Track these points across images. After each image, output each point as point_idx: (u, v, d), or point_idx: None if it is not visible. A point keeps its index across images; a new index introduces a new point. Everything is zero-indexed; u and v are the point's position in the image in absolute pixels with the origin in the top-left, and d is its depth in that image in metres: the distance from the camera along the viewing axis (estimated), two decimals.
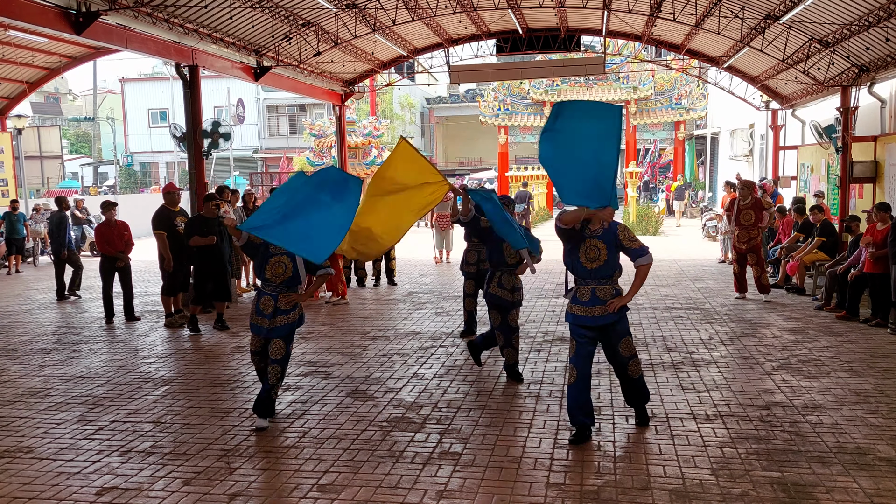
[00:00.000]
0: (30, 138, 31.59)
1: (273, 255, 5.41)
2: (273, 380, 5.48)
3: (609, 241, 5.12)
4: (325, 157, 25.87)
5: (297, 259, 5.39)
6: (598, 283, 5.17)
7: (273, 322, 5.45)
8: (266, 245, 5.37)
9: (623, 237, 5.13)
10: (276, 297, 5.46)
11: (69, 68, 17.75)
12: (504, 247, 6.58)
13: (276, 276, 5.45)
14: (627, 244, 5.13)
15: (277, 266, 5.43)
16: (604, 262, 5.13)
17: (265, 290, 5.51)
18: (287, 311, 5.48)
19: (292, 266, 5.43)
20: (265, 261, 5.44)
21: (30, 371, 7.33)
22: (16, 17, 9.56)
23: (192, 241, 8.79)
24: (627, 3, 13.63)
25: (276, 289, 5.47)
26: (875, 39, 11.35)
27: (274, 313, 5.44)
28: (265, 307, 5.46)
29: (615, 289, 5.22)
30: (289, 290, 5.49)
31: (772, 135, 19.79)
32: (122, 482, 4.62)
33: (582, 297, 5.21)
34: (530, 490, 4.42)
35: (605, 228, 5.14)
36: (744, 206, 10.51)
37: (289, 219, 5.00)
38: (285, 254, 5.37)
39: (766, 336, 8.34)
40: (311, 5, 13.17)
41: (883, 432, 5.27)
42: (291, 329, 5.54)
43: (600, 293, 5.17)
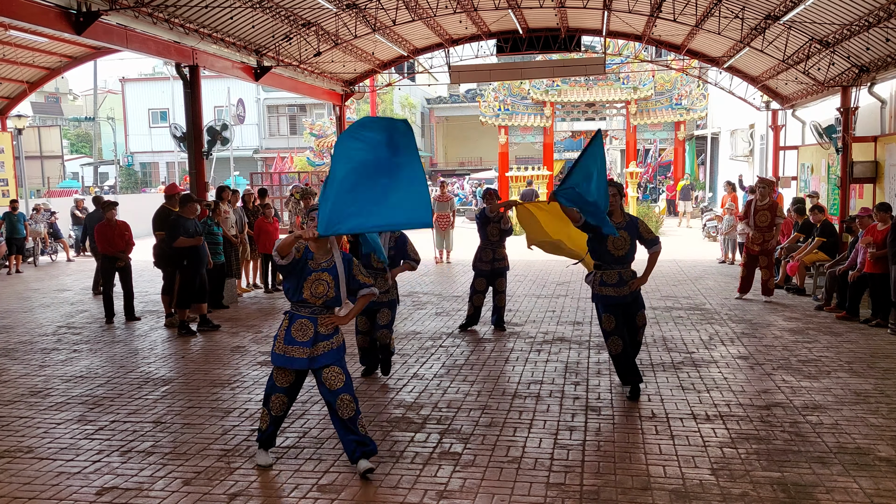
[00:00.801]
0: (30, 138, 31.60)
1: (312, 271, 4.59)
2: (350, 412, 4.62)
3: (632, 232, 6.12)
4: (325, 157, 25.89)
5: (339, 277, 4.62)
6: (623, 267, 6.15)
7: (314, 350, 4.62)
8: (304, 261, 4.59)
9: (643, 229, 6.20)
10: (316, 320, 4.64)
11: (69, 68, 17.75)
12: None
13: (317, 296, 4.60)
14: (646, 235, 6.20)
15: (318, 285, 4.60)
16: (628, 250, 6.12)
17: (301, 312, 4.66)
18: (329, 336, 4.67)
19: (334, 284, 4.63)
20: (302, 279, 4.60)
21: (30, 371, 7.33)
22: (16, 17, 9.56)
23: (177, 242, 8.77)
24: (628, 3, 13.63)
25: (316, 311, 4.65)
26: (875, 40, 11.35)
27: (314, 339, 4.62)
28: (301, 333, 4.61)
29: (633, 271, 6.22)
30: (327, 311, 4.71)
31: (772, 135, 19.79)
32: (122, 482, 4.62)
33: (610, 280, 6.14)
34: (530, 490, 4.42)
35: (628, 221, 6.16)
36: (761, 206, 10.41)
37: (364, 198, 4.39)
38: (326, 271, 4.60)
39: (766, 336, 8.34)
40: (312, 5, 13.18)
41: (883, 432, 5.27)
42: (338, 355, 4.71)
43: (625, 275, 6.14)
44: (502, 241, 8.73)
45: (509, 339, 8.39)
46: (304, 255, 4.58)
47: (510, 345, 8.08)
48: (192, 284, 8.95)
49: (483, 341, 8.32)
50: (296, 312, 4.68)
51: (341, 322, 4.69)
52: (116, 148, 45.01)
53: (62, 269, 15.90)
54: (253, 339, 8.60)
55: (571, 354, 7.59)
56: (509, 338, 8.43)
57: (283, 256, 4.49)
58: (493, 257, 8.67)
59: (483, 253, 8.71)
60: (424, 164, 45.36)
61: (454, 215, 15.67)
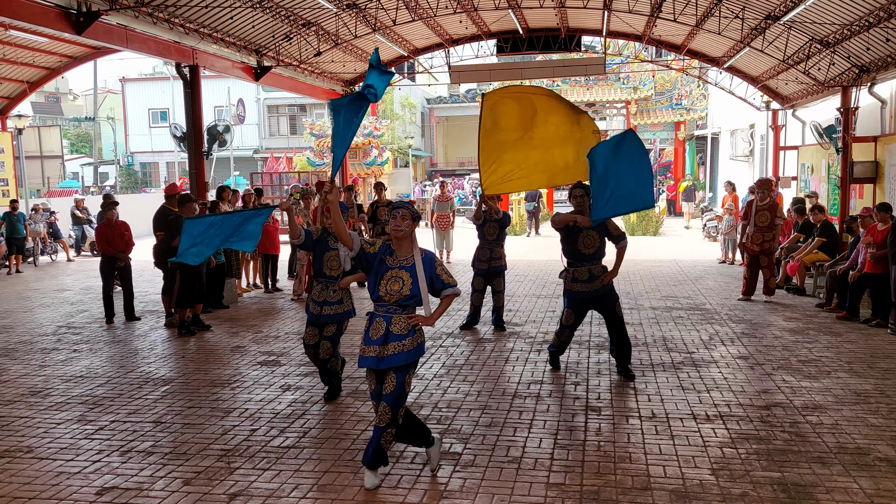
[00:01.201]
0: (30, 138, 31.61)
1: (389, 268, 4.47)
2: (382, 422, 4.43)
3: (601, 230, 6.53)
4: (326, 157, 25.88)
5: (417, 274, 4.45)
6: (593, 264, 6.58)
7: (383, 350, 4.42)
8: (382, 259, 4.50)
9: (611, 227, 6.58)
10: (390, 319, 4.47)
11: (70, 68, 17.77)
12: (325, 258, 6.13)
13: (391, 293, 4.43)
14: (614, 232, 6.59)
15: (393, 282, 4.45)
16: (597, 248, 6.56)
17: (377, 311, 4.54)
18: (402, 336, 4.42)
19: (411, 282, 4.43)
20: (379, 276, 4.49)
21: (30, 371, 7.33)
22: (16, 17, 9.57)
23: (175, 241, 8.76)
24: (628, 3, 13.63)
25: (390, 309, 4.47)
26: (875, 40, 11.35)
27: (385, 338, 4.43)
28: (375, 332, 4.47)
29: (603, 266, 6.64)
30: (405, 311, 4.49)
31: (772, 135, 19.80)
32: (122, 482, 4.62)
33: (581, 277, 6.59)
34: (530, 490, 4.42)
35: None
36: (761, 206, 10.39)
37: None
38: (404, 269, 4.46)
39: (766, 336, 8.34)
40: (312, 5, 13.18)
41: (883, 433, 5.27)
42: (408, 360, 4.43)
43: (595, 271, 6.59)
44: (500, 240, 8.77)
45: (509, 339, 8.39)
46: (383, 252, 4.50)
47: (510, 345, 8.08)
48: (192, 284, 8.95)
49: (483, 341, 8.32)
50: (374, 312, 4.58)
51: (425, 323, 4.47)
52: (116, 148, 45.02)
53: (62, 269, 15.90)
54: (253, 339, 8.59)
55: (571, 354, 7.59)
56: (509, 338, 8.43)
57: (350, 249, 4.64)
58: (490, 256, 8.73)
59: (481, 252, 8.78)
60: (424, 164, 45.43)
61: (454, 215, 15.68)
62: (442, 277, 4.53)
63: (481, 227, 8.69)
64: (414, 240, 4.54)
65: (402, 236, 4.46)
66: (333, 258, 6.02)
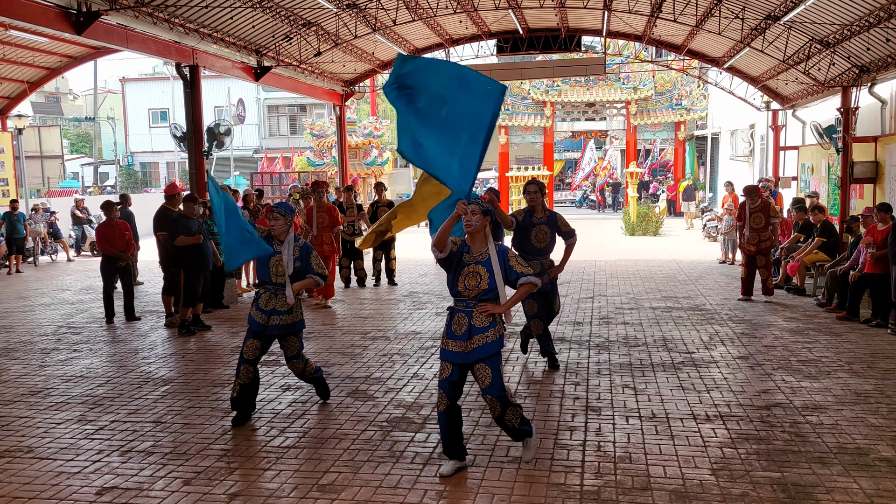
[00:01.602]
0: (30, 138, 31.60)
1: (466, 265, 4.63)
2: (495, 413, 4.60)
3: (552, 226, 6.80)
4: (326, 156, 25.90)
5: (493, 269, 4.59)
6: (543, 258, 6.84)
7: (468, 344, 4.57)
8: (461, 256, 4.64)
9: (561, 223, 6.83)
10: (471, 313, 4.62)
11: (70, 68, 17.78)
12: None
13: (470, 288, 4.60)
14: (564, 228, 6.80)
15: (471, 278, 4.61)
16: (548, 243, 6.83)
17: (458, 307, 4.69)
18: (484, 328, 4.58)
19: (488, 277, 4.59)
20: (458, 273, 4.65)
21: (30, 371, 7.33)
22: (16, 17, 9.57)
23: (177, 240, 8.79)
24: (628, 3, 13.64)
25: (470, 304, 4.63)
26: (875, 40, 11.35)
27: (469, 333, 4.59)
28: (458, 327, 4.62)
29: (551, 261, 6.93)
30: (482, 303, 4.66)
31: (772, 135, 19.80)
32: (122, 482, 4.62)
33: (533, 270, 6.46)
34: (530, 490, 4.42)
35: (549, 216, 6.83)
36: (753, 209, 10.44)
37: (432, 137, 4.51)
38: (480, 264, 4.60)
39: (766, 336, 8.34)
40: (312, 5, 13.18)
41: (883, 433, 5.27)
42: (493, 350, 4.58)
43: (545, 265, 6.84)
44: (499, 240, 8.74)
45: (509, 339, 8.38)
46: (461, 249, 4.64)
47: (510, 345, 8.08)
48: (196, 284, 8.96)
49: None
50: (455, 307, 4.72)
51: (498, 311, 4.60)
52: (116, 148, 45.02)
53: (62, 269, 15.90)
54: None
55: (571, 354, 7.59)
56: (509, 338, 8.42)
57: (440, 250, 4.57)
58: None
59: None
60: None
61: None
62: (516, 268, 4.66)
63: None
64: (487, 234, 4.66)
65: (474, 231, 4.59)
66: (278, 263, 5.57)
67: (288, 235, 5.60)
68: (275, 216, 5.59)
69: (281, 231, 5.58)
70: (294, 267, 5.61)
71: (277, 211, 5.62)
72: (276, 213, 5.60)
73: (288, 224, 5.63)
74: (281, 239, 5.61)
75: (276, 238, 5.64)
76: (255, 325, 5.64)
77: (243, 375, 5.59)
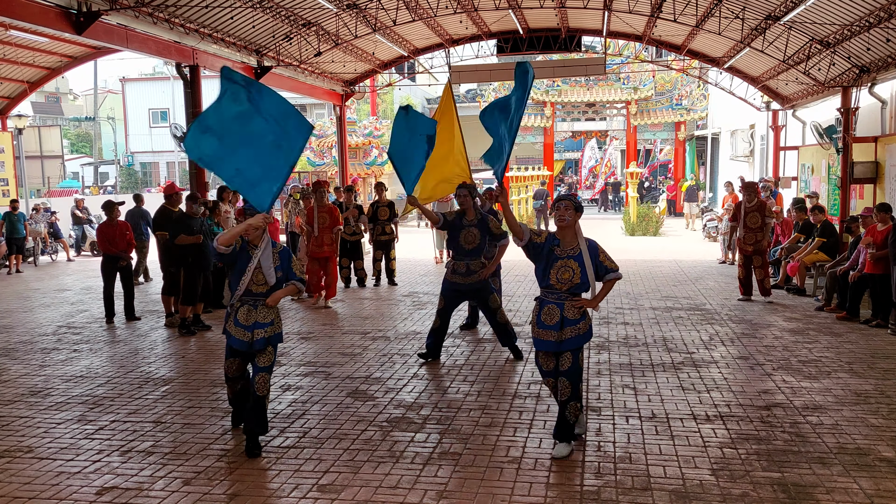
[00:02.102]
0: (30, 138, 31.61)
1: (559, 258, 4.89)
2: (563, 396, 4.93)
3: (482, 228, 7.10)
4: (326, 156, 25.88)
5: (585, 263, 4.85)
6: (472, 259, 7.12)
7: (561, 334, 4.88)
8: (551, 249, 4.92)
9: (492, 226, 7.16)
10: (563, 305, 4.91)
11: (70, 68, 17.77)
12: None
13: (562, 281, 4.87)
14: (494, 231, 7.16)
15: (564, 271, 4.87)
16: (477, 245, 7.10)
17: (548, 298, 4.96)
18: (576, 320, 4.89)
19: (580, 270, 4.85)
20: (549, 266, 4.91)
21: (30, 371, 7.33)
22: (17, 17, 9.57)
23: (178, 239, 8.81)
24: (628, 3, 13.64)
25: (561, 296, 4.91)
26: (876, 40, 11.35)
27: (561, 324, 4.88)
28: (549, 318, 4.91)
29: (482, 262, 7.21)
30: (574, 296, 4.95)
31: (772, 135, 19.80)
32: (122, 482, 4.62)
33: (459, 269, 7.19)
34: (530, 490, 4.42)
35: (479, 219, 7.10)
36: (749, 208, 10.45)
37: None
38: (572, 258, 4.88)
39: (766, 337, 8.33)
40: (312, 5, 13.19)
41: (883, 433, 5.27)
42: (582, 342, 4.93)
43: (473, 266, 7.14)
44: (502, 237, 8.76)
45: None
46: (550, 242, 4.94)
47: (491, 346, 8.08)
48: (196, 282, 8.97)
49: (483, 341, 8.31)
50: (544, 298, 5.00)
51: (589, 305, 4.96)
52: (117, 148, 45.02)
53: (62, 269, 15.90)
54: None
55: None
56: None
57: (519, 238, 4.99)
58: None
59: None
60: None
61: None
62: (605, 264, 4.95)
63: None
64: (578, 230, 4.94)
65: (566, 226, 4.90)
66: (258, 272, 4.98)
67: (263, 240, 4.97)
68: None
69: (256, 236, 4.94)
70: (276, 276, 5.02)
71: (248, 212, 5.04)
72: (247, 216, 5.02)
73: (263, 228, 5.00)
74: (256, 244, 4.95)
75: (250, 244, 4.99)
76: (237, 342, 4.99)
77: (231, 389, 5.33)
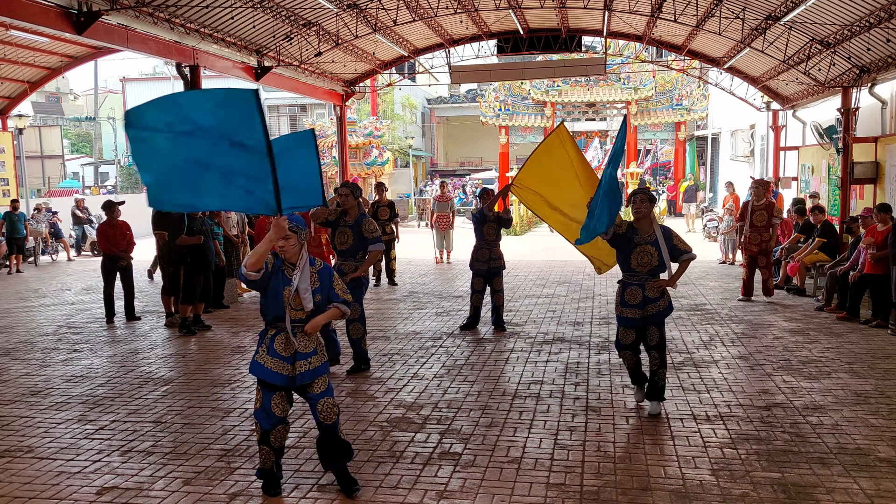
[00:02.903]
0: (31, 138, 31.62)
1: (638, 245, 5.56)
2: (656, 364, 5.69)
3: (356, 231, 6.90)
4: (326, 156, 25.89)
5: (661, 248, 5.51)
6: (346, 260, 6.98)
7: (644, 312, 5.63)
8: (630, 236, 5.54)
9: (366, 230, 6.97)
10: (643, 286, 5.63)
11: (70, 68, 17.77)
12: None
13: (643, 265, 5.58)
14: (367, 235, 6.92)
15: (643, 255, 5.57)
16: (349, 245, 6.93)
17: (631, 280, 5.68)
18: (656, 298, 5.62)
19: (657, 254, 5.54)
20: (630, 251, 5.59)
21: (30, 370, 7.33)
22: (17, 17, 9.56)
23: (179, 240, 8.83)
24: (628, 3, 13.64)
25: (643, 278, 5.63)
26: (876, 40, 11.34)
27: (644, 302, 5.63)
28: (632, 297, 5.65)
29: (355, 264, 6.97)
30: (653, 278, 5.64)
31: (772, 135, 19.79)
32: (122, 482, 4.62)
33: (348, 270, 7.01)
34: (530, 490, 4.42)
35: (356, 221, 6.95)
36: (757, 206, 10.41)
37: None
38: (650, 244, 5.53)
39: (766, 337, 8.33)
40: (313, 5, 13.19)
41: (883, 433, 5.27)
42: (664, 316, 5.68)
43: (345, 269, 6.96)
44: (498, 240, 8.82)
45: (509, 339, 8.39)
46: (630, 233, 5.55)
47: (510, 345, 8.08)
48: (196, 282, 8.97)
49: (483, 341, 8.32)
50: (627, 281, 5.70)
51: (667, 284, 5.63)
52: (117, 148, 45.00)
53: (63, 269, 15.91)
54: (253, 339, 8.58)
55: (571, 355, 7.59)
56: (509, 338, 8.43)
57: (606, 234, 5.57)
58: (489, 256, 8.77)
59: (479, 252, 8.80)
60: (424, 164, 45.40)
61: (454, 215, 15.68)
62: (679, 246, 5.60)
63: (480, 227, 8.74)
64: (653, 218, 5.63)
65: (643, 216, 5.56)
66: (295, 295, 4.22)
67: (301, 258, 4.23)
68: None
69: (293, 253, 4.20)
70: (315, 301, 4.26)
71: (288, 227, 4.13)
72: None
73: (301, 242, 4.23)
74: (293, 262, 4.22)
75: (286, 262, 4.25)
76: (277, 378, 4.22)
77: (276, 439, 4.34)
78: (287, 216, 4.04)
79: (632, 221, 5.61)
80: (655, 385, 5.72)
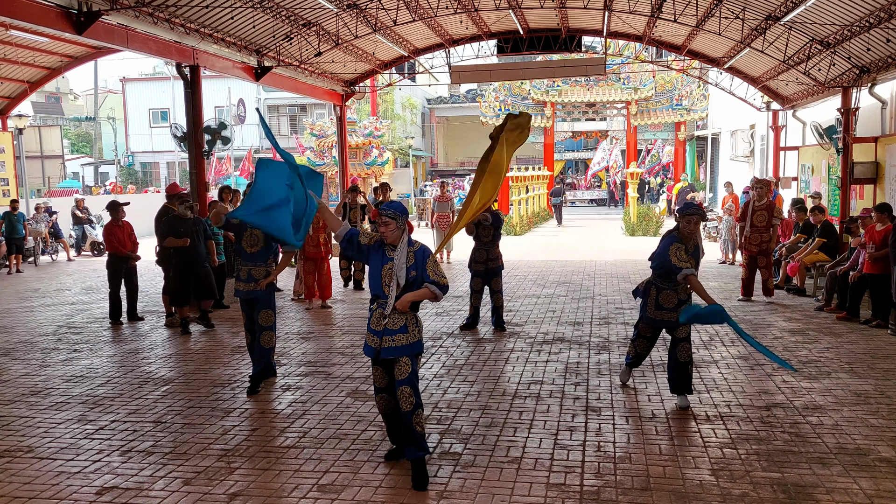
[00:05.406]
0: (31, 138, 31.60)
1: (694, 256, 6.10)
2: (686, 357, 5.97)
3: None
4: (326, 157, 25.89)
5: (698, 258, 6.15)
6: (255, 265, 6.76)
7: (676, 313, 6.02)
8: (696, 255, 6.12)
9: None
10: (678, 290, 6.02)
11: (70, 68, 17.75)
12: None
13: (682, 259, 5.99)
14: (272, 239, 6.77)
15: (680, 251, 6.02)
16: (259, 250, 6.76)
17: (665, 286, 6.08)
18: (685, 299, 6.08)
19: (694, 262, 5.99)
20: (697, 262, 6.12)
21: (30, 370, 7.33)
22: (17, 17, 9.55)
23: (166, 242, 8.85)
24: (628, 3, 13.63)
25: (677, 283, 5.99)
26: (876, 40, 11.34)
27: (678, 305, 6.03)
28: (668, 301, 6.04)
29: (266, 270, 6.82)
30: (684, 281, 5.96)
31: (772, 135, 19.79)
32: (122, 482, 4.62)
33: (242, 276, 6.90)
34: (530, 490, 4.42)
35: None
36: (758, 206, 10.41)
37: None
38: (691, 255, 6.02)
39: (766, 337, 8.33)
40: (312, 5, 13.18)
41: (883, 433, 5.27)
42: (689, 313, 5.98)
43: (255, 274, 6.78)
44: (496, 241, 8.82)
45: (509, 339, 8.39)
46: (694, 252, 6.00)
47: (510, 345, 8.08)
48: (180, 283, 8.97)
49: (483, 341, 8.32)
50: (662, 286, 6.06)
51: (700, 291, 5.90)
52: (117, 148, 45.01)
53: (62, 269, 15.91)
54: None
55: (571, 355, 7.59)
56: (509, 338, 8.43)
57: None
58: (486, 257, 8.79)
59: (477, 253, 8.82)
60: (425, 164, 45.43)
61: (454, 216, 15.68)
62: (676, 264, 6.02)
63: (476, 229, 8.78)
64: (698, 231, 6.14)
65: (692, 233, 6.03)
66: (391, 273, 4.62)
67: (402, 240, 4.60)
68: (384, 220, 4.57)
69: (395, 237, 4.57)
70: (408, 277, 4.56)
71: (386, 214, 4.55)
72: (385, 217, 4.57)
73: (401, 227, 4.61)
74: (394, 244, 4.59)
75: (388, 244, 4.63)
76: (367, 350, 4.70)
77: (380, 405, 4.85)
78: (385, 204, 4.64)
79: (684, 236, 5.96)
80: (688, 377, 5.95)
